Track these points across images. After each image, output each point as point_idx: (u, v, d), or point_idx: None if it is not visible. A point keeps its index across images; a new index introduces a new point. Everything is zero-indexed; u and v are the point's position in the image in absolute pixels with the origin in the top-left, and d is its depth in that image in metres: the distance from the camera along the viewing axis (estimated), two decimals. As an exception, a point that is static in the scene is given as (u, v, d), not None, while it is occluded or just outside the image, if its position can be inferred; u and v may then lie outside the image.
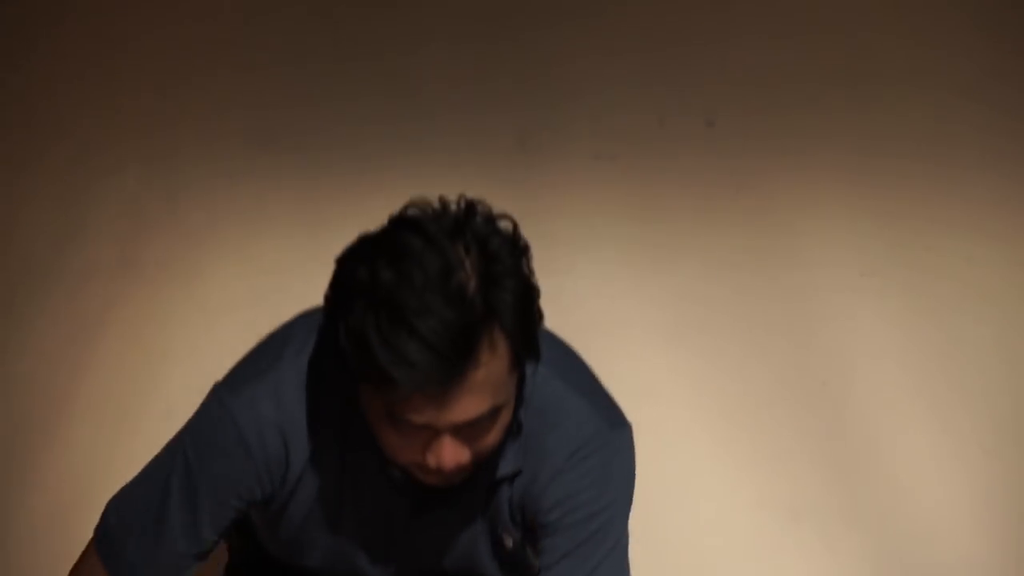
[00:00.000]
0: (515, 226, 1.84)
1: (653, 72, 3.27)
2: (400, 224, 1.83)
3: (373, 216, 3.20)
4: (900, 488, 3.19)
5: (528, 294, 1.83)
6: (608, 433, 2.01)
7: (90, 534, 3.05)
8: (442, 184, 3.20)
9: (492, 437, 1.87)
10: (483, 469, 1.96)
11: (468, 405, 1.78)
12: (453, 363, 1.72)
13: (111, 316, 3.18)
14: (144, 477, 2.05)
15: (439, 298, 1.72)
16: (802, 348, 3.21)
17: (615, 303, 3.16)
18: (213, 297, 3.20)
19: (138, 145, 3.27)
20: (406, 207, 1.86)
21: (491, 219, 1.84)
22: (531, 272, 1.84)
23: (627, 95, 3.27)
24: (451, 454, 1.82)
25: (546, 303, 3.11)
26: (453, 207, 1.85)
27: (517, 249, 1.82)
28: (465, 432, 1.83)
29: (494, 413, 1.83)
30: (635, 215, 3.21)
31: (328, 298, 1.85)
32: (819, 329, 3.20)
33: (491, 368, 1.78)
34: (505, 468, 1.99)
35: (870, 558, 3.09)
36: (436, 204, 1.85)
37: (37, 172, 3.26)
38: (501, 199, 3.21)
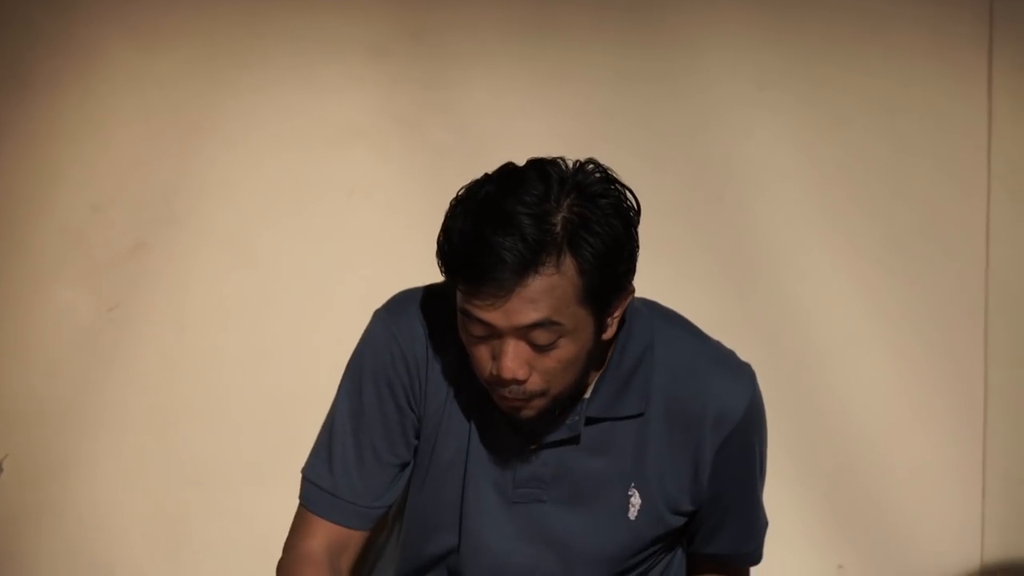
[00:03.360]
0: (632, 195, 2.06)
1: None
2: (528, 162, 2.06)
3: (267, 30, 3.19)
4: (798, 304, 3.23)
5: (616, 249, 2.03)
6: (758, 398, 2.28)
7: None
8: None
9: (553, 363, 2.06)
10: (575, 409, 2.18)
11: (524, 310, 2.00)
12: (515, 268, 1.97)
13: (1, 135, 3.14)
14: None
15: (525, 214, 1.97)
16: (699, 162, 3.21)
17: (510, 118, 3.15)
18: (105, 114, 3.16)
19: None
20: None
21: (611, 181, 2.05)
22: (632, 237, 2.06)
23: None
24: (511, 360, 2.03)
25: (439, 116, 3.13)
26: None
27: (621, 210, 2.04)
28: (527, 344, 2.04)
29: (552, 329, 2.03)
30: (530, 30, 3.18)
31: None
32: (716, 143, 3.21)
33: (553, 284, 2.00)
34: (598, 406, 2.17)
35: (767, 372, 3.11)
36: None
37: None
38: (396, 14, 3.20)
